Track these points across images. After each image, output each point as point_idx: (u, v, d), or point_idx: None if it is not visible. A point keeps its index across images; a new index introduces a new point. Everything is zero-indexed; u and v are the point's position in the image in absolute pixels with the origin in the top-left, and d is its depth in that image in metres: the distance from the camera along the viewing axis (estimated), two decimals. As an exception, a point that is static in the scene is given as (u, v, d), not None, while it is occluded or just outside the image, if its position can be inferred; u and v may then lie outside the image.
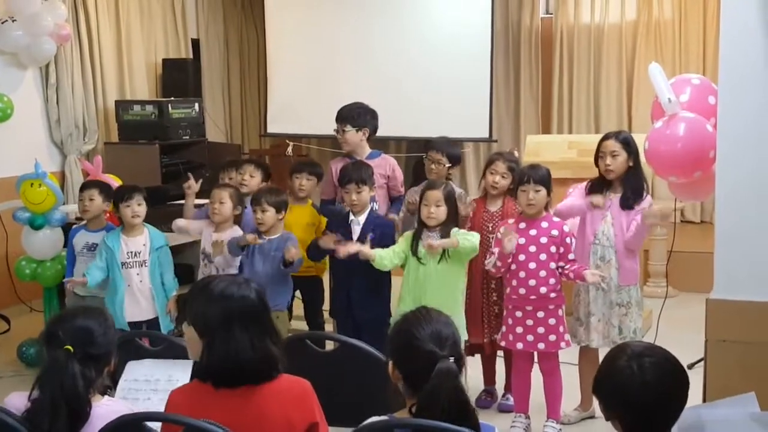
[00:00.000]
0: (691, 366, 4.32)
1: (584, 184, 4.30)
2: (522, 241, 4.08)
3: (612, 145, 4.16)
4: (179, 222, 4.77)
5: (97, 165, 5.46)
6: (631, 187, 4.16)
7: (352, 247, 4.07)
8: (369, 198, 4.37)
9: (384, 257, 4.07)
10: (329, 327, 5.07)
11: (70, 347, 2.37)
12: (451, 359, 2.16)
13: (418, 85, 8.19)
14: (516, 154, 4.80)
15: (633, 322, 4.22)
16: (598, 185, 4.24)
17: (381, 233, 4.26)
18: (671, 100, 4.04)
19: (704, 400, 3.17)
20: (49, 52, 6.66)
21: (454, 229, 4.07)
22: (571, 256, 4.09)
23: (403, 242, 4.17)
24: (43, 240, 5.23)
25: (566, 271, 4.07)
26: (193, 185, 4.93)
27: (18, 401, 2.42)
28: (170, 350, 3.09)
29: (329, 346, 3.42)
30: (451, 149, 4.63)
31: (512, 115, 9.08)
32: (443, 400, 2.11)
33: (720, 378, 3.19)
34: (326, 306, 5.09)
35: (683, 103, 4.11)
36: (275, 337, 2.38)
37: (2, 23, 6.35)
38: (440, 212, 4.05)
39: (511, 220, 4.19)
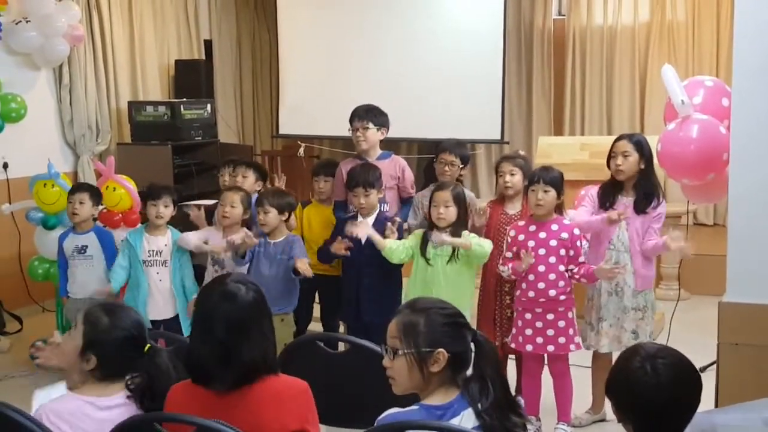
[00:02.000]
0: (703, 369, 4.30)
1: (595, 190, 4.27)
2: (531, 243, 4.07)
3: (624, 145, 4.12)
4: (190, 239, 4.68)
5: (110, 165, 5.47)
6: (643, 190, 4.12)
7: (363, 231, 4.14)
8: (377, 200, 4.37)
9: (394, 249, 4.14)
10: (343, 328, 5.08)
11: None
12: None
13: (430, 87, 8.18)
14: (521, 153, 4.81)
15: (648, 326, 4.21)
16: (610, 188, 4.21)
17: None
18: (684, 102, 4.03)
19: (716, 404, 3.16)
20: (62, 53, 6.69)
21: (465, 232, 4.07)
22: (581, 259, 4.07)
23: (412, 238, 4.18)
24: (55, 240, 5.22)
25: (575, 275, 4.06)
26: (198, 215, 4.91)
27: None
28: (180, 352, 3.08)
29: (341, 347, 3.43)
30: (462, 150, 4.64)
31: (524, 117, 9.07)
32: (492, 368, 2.21)
33: (732, 381, 3.17)
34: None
35: (696, 105, 4.10)
36: (258, 343, 2.37)
37: (16, 24, 6.37)
38: (450, 213, 4.05)
39: (521, 222, 4.19)
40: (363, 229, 4.18)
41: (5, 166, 6.41)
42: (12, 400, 2.44)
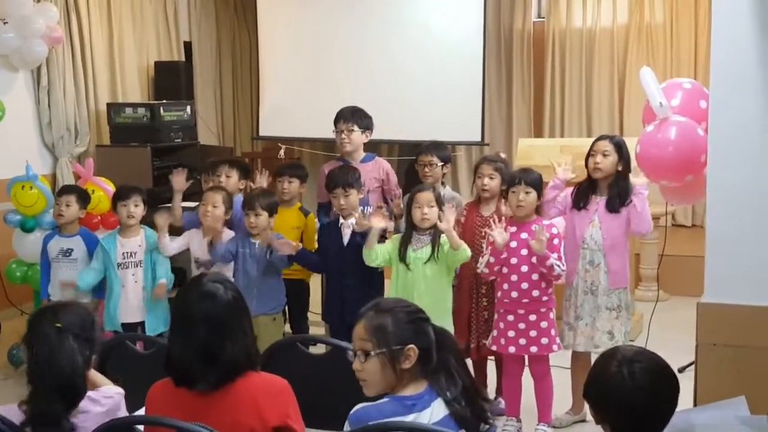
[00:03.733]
0: (682, 370, 4.33)
1: (570, 190, 4.31)
2: (513, 244, 4.09)
3: (605, 145, 4.18)
4: (167, 244, 4.63)
5: (89, 168, 5.44)
6: (617, 190, 4.17)
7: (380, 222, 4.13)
8: (357, 201, 4.37)
9: (375, 253, 4.11)
10: (313, 330, 5.08)
11: (59, 324, 2.38)
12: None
13: (411, 89, 8.19)
14: (502, 155, 4.84)
15: (623, 326, 4.23)
16: (585, 187, 4.25)
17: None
18: (662, 104, 4.06)
19: (695, 404, 3.18)
20: (40, 54, 6.63)
21: (443, 237, 4.07)
22: (554, 255, 4.08)
23: (389, 244, 4.17)
24: (34, 243, 5.20)
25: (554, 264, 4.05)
26: (179, 181, 4.90)
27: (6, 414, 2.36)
28: (161, 354, 3.06)
29: (317, 349, 3.43)
30: (440, 150, 4.66)
31: (504, 119, 9.10)
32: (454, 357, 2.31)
33: (711, 381, 3.19)
34: (312, 308, 5.11)
35: (674, 107, 4.12)
36: (240, 341, 2.36)
37: (-6, 25, 6.33)
38: (433, 213, 4.05)
39: (503, 223, 4.20)
40: (379, 220, 4.14)
41: (-17, 168, 6.35)
42: (-10, 404, 2.42)
